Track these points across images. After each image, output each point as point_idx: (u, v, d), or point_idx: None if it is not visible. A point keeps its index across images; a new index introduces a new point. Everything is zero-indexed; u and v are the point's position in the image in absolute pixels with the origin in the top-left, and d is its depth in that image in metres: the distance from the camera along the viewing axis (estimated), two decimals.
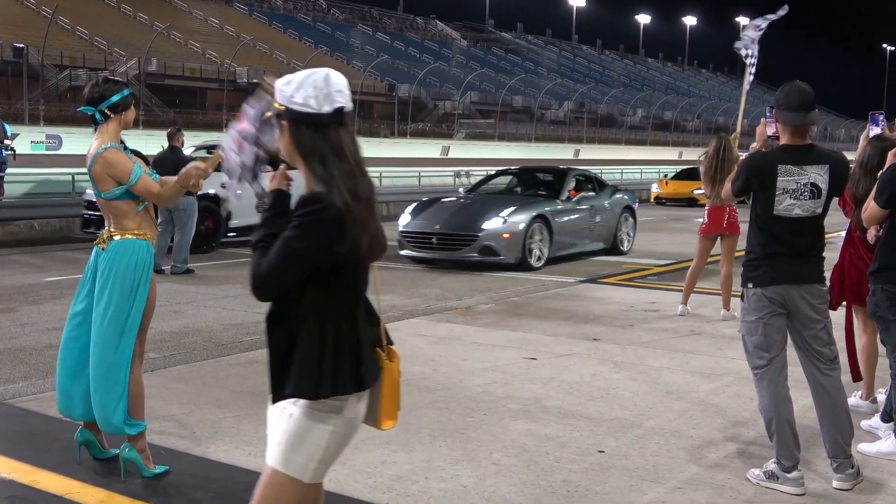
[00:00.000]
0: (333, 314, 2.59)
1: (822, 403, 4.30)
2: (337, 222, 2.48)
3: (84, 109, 4.37)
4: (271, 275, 2.50)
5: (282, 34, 66.36)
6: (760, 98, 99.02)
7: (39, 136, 29.62)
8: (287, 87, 2.59)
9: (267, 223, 2.59)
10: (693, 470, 4.49)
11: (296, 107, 2.55)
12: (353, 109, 2.62)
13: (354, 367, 2.61)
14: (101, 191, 4.32)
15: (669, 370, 6.58)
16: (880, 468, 4.54)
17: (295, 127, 2.57)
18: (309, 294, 2.56)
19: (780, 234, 4.23)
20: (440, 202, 13.51)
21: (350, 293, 2.64)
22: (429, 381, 6.17)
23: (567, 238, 13.32)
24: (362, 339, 2.65)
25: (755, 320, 4.27)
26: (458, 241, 12.44)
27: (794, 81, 4.30)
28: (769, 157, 4.27)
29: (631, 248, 14.86)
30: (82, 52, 48.24)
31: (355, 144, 2.61)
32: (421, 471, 4.44)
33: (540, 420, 5.31)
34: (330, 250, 2.50)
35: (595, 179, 15.02)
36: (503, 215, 12.40)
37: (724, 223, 8.79)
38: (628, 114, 68.32)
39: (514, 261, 12.27)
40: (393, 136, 48.40)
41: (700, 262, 9.01)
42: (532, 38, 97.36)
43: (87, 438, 4.50)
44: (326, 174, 2.52)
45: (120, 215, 4.35)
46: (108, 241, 4.34)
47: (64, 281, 10.86)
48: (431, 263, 12.82)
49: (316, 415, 2.59)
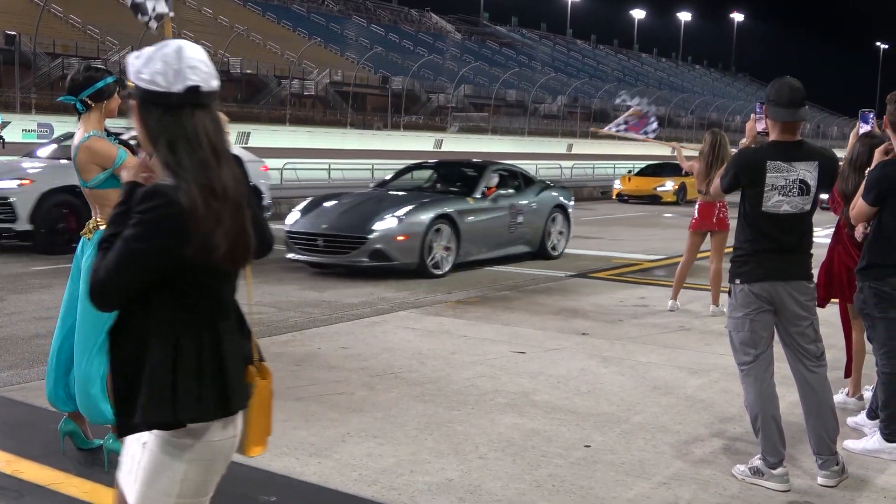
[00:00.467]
0: (191, 326, 2.23)
1: (808, 400, 4.30)
2: (181, 220, 2.13)
3: (64, 99, 4.33)
4: (110, 280, 2.14)
5: (276, 25, 66.22)
6: (753, 95, 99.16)
7: (31, 125, 29.51)
8: (136, 60, 2.24)
9: (114, 220, 2.25)
10: (678, 465, 4.50)
11: (143, 84, 2.21)
12: (217, 89, 2.25)
13: (219, 387, 2.24)
14: (85, 180, 4.29)
15: (657, 365, 6.59)
16: (865, 465, 4.54)
17: (143, 107, 2.23)
18: (159, 303, 2.22)
19: (768, 230, 4.23)
20: (336, 198, 11.91)
21: (210, 302, 2.28)
22: (416, 374, 6.17)
23: (478, 240, 11.74)
24: (228, 355, 2.27)
25: (742, 316, 4.27)
26: (345, 243, 10.88)
27: (784, 77, 4.29)
28: (758, 153, 4.27)
29: (563, 252, 13.37)
30: (75, 40, 48.10)
31: (217, 131, 2.25)
32: (406, 464, 4.43)
33: (527, 414, 5.30)
34: (175, 252, 2.15)
35: (522, 175, 13.33)
36: (399, 215, 10.92)
37: (714, 219, 8.80)
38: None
39: (413, 266, 10.86)
40: (386, 128, 48.35)
41: (690, 257, 9.01)
42: (526, 32, 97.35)
43: (71, 429, 4.49)
44: (175, 163, 2.17)
45: (105, 204, 4.32)
46: (93, 230, 4.33)
47: (52, 270, 10.82)
48: (321, 268, 11.39)
49: (172, 444, 2.23)
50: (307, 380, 5.97)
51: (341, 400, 5.50)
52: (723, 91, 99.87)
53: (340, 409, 5.30)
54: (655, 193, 26.86)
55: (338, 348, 6.93)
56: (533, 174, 14.39)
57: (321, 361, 6.50)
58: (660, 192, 26.82)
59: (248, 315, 2.42)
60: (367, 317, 8.35)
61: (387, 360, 6.52)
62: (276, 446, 4.63)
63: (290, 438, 4.76)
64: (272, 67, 54.74)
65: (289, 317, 8.41)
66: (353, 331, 7.62)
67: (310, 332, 7.57)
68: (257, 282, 10.58)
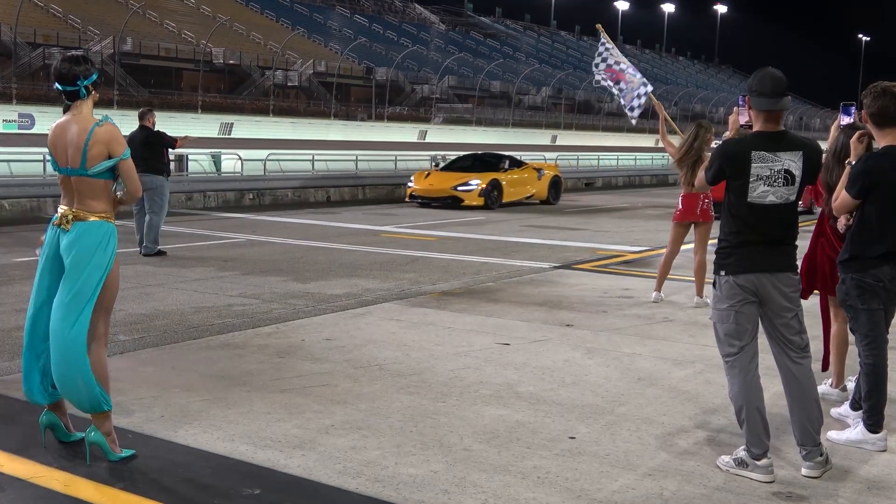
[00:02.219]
0: None
1: (792, 391, 4.31)
2: None
3: (67, 88, 4.27)
4: None
5: (259, 15, 65.83)
6: (736, 87, 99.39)
7: (11, 115, 29.22)
8: None
9: None
10: (663, 457, 4.49)
11: None
12: None
13: None
14: (90, 167, 4.26)
15: (642, 357, 6.59)
16: (849, 456, 4.56)
17: None
18: None
19: (753, 221, 4.22)
20: None
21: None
22: (401, 365, 6.14)
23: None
24: None
25: (727, 308, 4.27)
26: None
27: (766, 68, 4.29)
28: (742, 144, 4.26)
29: None
30: (56, 30, 47.65)
31: None
32: (391, 456, 4.41)
33: (512, 406, 5.29)
34: None
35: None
36: None
37: (698, 210, 8.82)
38: (606, 100, 68.37)
39: None
40: (370, 119, 48.18)
41: (674, 248, 9.03)
42: (510, 23, 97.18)
43: (52, 421, 4.44)
44: None
45: (90, 195, 4.28)
46: (72, 221, 4.28)
47: (33, 262, 10.71)
48: None
49: None
50: (291, 371, 5.94)
51: (325, 392, 5.47)
52: (706, 83, 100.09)
53: (324, 401, 5.27)
54: (455, 194, 21.46)
55: (322, 340, 6.89)
56: None
57: (305, 353, 6.47)
58: (460, 193, 21.43)
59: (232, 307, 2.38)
60: (351, 308, 8.32)
61: (371, 352, 6.50)
62: (259, 438, 4.60)
63: (273, 431, 4.73)
64: (255, 58, 54.41)
65: (272, 308, 8.36)
66: (337, 322, 7.59)
67: (293, 324, 7.53)
68: (240, 274, 10.53)
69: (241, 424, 4.83)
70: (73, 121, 4.30)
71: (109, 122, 4.31)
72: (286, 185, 23.98)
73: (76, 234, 4.26)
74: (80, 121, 4.28)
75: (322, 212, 20.50)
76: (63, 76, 4.29)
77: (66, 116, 4.35)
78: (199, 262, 11.37)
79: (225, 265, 11.18)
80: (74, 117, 4.31)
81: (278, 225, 16.64)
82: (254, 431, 4.72)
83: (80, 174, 4.28)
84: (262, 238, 14.38)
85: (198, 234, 14.52)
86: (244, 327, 7.43)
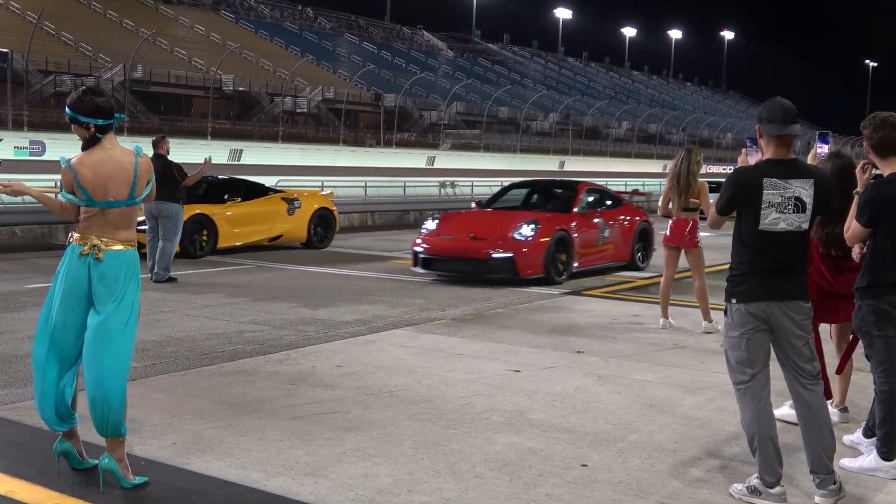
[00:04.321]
0: None
1: (806, 419, 4.30)
2: None
3: (103, 122, 4.36)
4: None
5: (268, 42, 66.33)
6: (744, 112, 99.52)
7: (23, 142, 29.46)
8: None
9: None
10: (675, 485, 4.48)
11: None
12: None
13: None
14: (138, 194, 4.41)
15: (653, 383, 6.58)
16: (862, 483, 4.54)
17: None
18: None
19: (764, 249, 4.23)
20: None
21: None
22: (411, 392, 6.15)
23: None
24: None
25: (738, 336, 4.28)
26: None
27: (775, 97, 4.33)
28: (754, 171, 4.28)
29: None
30: (67, 57, 48.09)
31: None
32: (403, 483, 4.41)
33: (523, 433, 5.29)
34: None
35: None
36: None
37: (685, 236, 8.85)
38: (613, 126, 68.63)
39: None
40: (379, 145, 48.41)
41: (669, 273, 9.02)
42: (518, 50, 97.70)
43: (65, 449, 4.46)
44: None
45: (125, 224, 4.40)
46: (104, 250, 4.31)
47: (45, 289, 10.77)
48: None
49: None
50: (302, 398, 5.95)
51: (337, 419, 5.48)
52: (713, 108, 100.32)
53: (336, 429, 5.28)
54: None
55: (333, 367, 6.91)
56: None
57: (316, 380, 6.48)
58: None
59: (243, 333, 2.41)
60: (362, 335, 8.33)
61: (382, 379, 6.51)
62: (271, 466, 4.61)
63: (285, 458, 4.74)
64: (265, 84, 54.78)
65: (283, 335, 8.38)
66: (347, 349, 7.60)
67: (304, 351, 7.55)
68: (250, 300, 10.56)
69: (253, 451, 4.83)
70: (112, 154, 4.35)
71: (142, 151, 4.49)
72: None
73: (109, 264, 4.31)
74: (119, 154, 4.37)
75: None
76: (103, 110, 4.34)
77: (99, 150, 4.35)
78: (209, 289, 11.41)
79: (235, 291, 11.22)
80: (112, 150, 4.36)
81: (288, 251, 16.69)
82: (266, 459, 4.73)
83: (128, 204, 4.37)
84: (272, 264, 14.42)
85: (208, 261, 14.56)
86: (255, 354, 7.45)
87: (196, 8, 69.60)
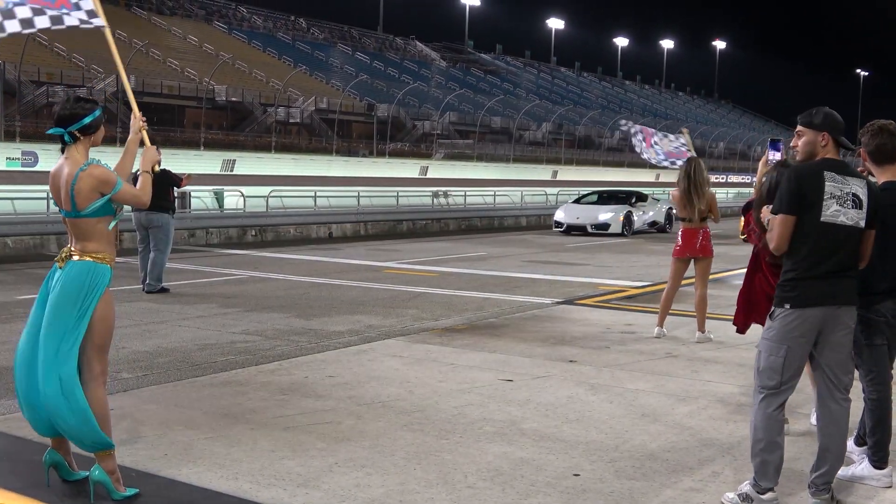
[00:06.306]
0: None
1: (830, 433, 4.25)
2: None
3: (53, 132, 4.35)
4: None
5: (261, 53, 66.33)
6: (736, 121, 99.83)
7: (15, 153, 29.35)
8: None
9: None
10: (668, 493, 4.48)
11: None
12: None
13: None
14: (81, 208, 4.28)
15: (645, 392, 6.58)
16: (854, 492, 4.54)
17: None
18: None
19: (822, 247, 4.16)
20: None
21: None
22: (404, 402, 6.14)
23: None
24: None
25: (780, 342, 4.21)
26: None
27: (824, 108, 4.39)
28: (814, 165, 4.24)
29: None
30: (60, 68, 48.04)
31: None
32: (395, 493, 4.40)
33: (516, 443, 5.28)
34: None
35: None
36: None
37: (697, 245, 8.86)
38: (606, 135, 68.70)
39: None
40: (372, 155, 48.36)
41: (674, 283, 9.04)
42: (511, 60, 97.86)
43: (55, 460, 4.43)
44: None
45: (85, 236, 4.32)
46: (66, 259, 4.33)
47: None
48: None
49: None
50: (294, 409, 5.93)
51: (329, 429, 5.47)
52: (706, 118, 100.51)
53: (328, 439, 5.26)
54: None
55: (325, 377, 6.89)
56: None
57: (308, 390, 6.46)
58: None
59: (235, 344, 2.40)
60: (354, 345, 8.32)
61: (374, 389, 6.49)
62: (263, 476, 4.59)
63: (277, 468, 4.72)
64: (258, 95, 54.75)
65: (275, 345, 8.37)
66: (339, 359, 7.59)
67: (296, 361, 7.53)
68: (243, 310, 10.54)
69: (244, 462, 4.82)
70: (64, 164, 4.36)
71: (95, 164, 4.30)
72: (288, 222, 24.06)
73: (65, 273, 4.30)
74: (69, 164, 4.33)
75: (324, 248, 20.54)
76: (61, 119, 4.35)
77: (61, 160, 4.40)
78: (202, 299, 11.39)
79: (228, 302, 11.20)
80: (66, 161, 4.36)
81: (280, 261, 16.67)
82: (257, 469, 4.71)
83: (73, 216, 4.32)
84: (265, 274, 14.40)
85: (200, 271, 14.55)
86: (247, 364, 7.43)
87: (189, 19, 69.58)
